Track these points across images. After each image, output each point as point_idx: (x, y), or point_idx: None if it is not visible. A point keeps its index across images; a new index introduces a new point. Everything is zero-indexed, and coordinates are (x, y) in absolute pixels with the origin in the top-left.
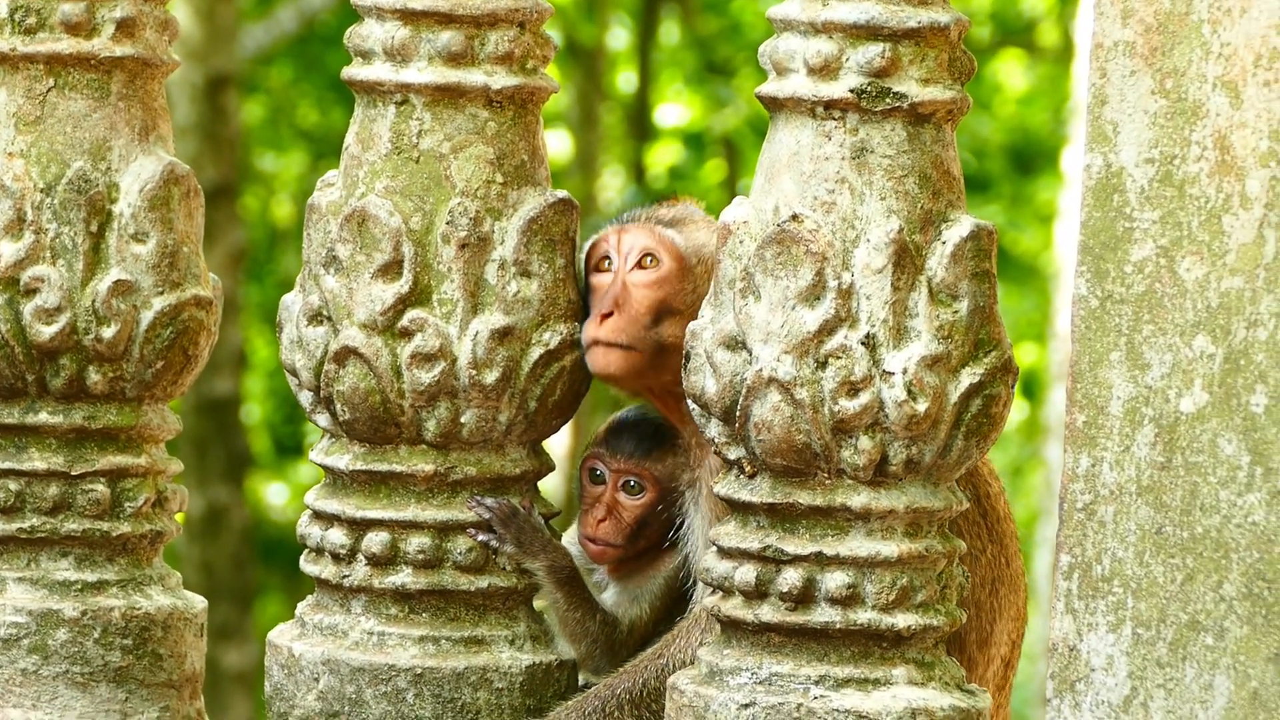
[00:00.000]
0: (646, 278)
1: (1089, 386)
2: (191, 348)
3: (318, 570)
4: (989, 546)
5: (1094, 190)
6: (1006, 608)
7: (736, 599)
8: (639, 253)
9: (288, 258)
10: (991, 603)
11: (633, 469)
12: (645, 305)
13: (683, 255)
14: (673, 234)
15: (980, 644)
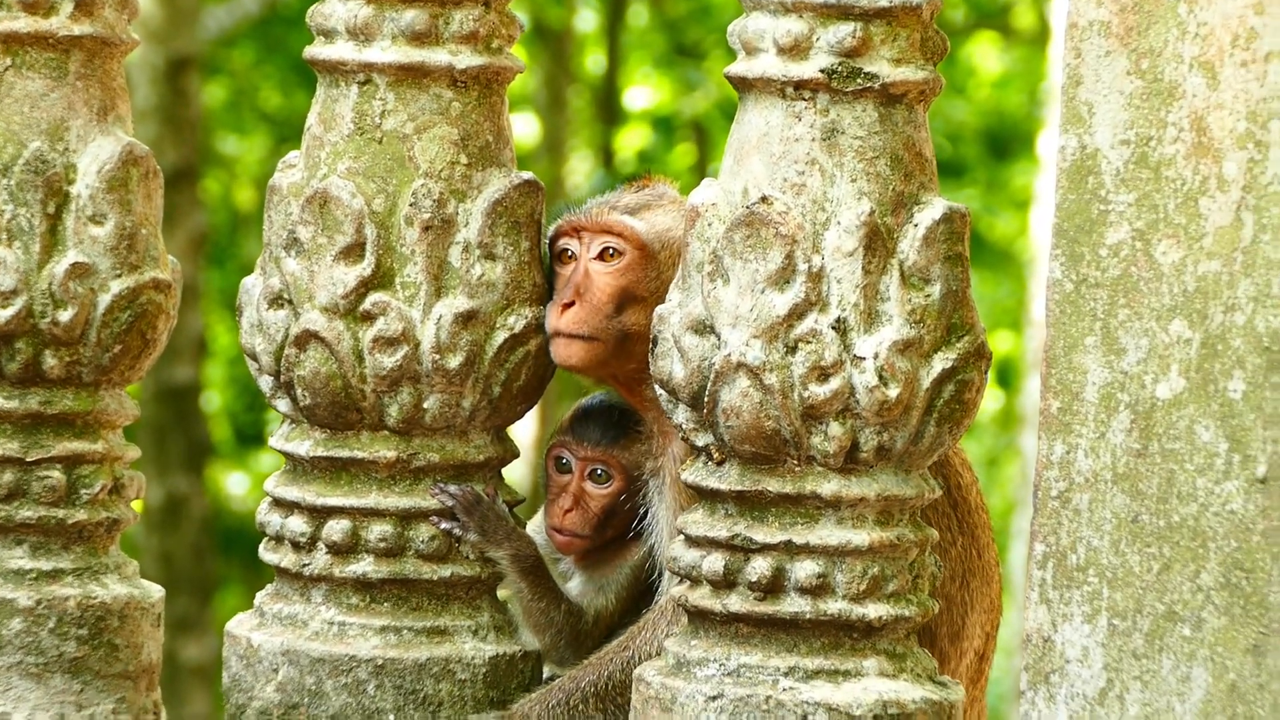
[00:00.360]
0: (608, 269)
1: (1064, 372)
2: (150, 332)
3: (277, 559)
4: (960, 538)
5: (1069, 172)
6: (979, 600)
7: (704, 588)
8: (600, 243)
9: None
10: (963, 595)
11: (599, 457)
12: (607, 294)
13: (645, 243)
14: (634, 222)
15: (952, 637)
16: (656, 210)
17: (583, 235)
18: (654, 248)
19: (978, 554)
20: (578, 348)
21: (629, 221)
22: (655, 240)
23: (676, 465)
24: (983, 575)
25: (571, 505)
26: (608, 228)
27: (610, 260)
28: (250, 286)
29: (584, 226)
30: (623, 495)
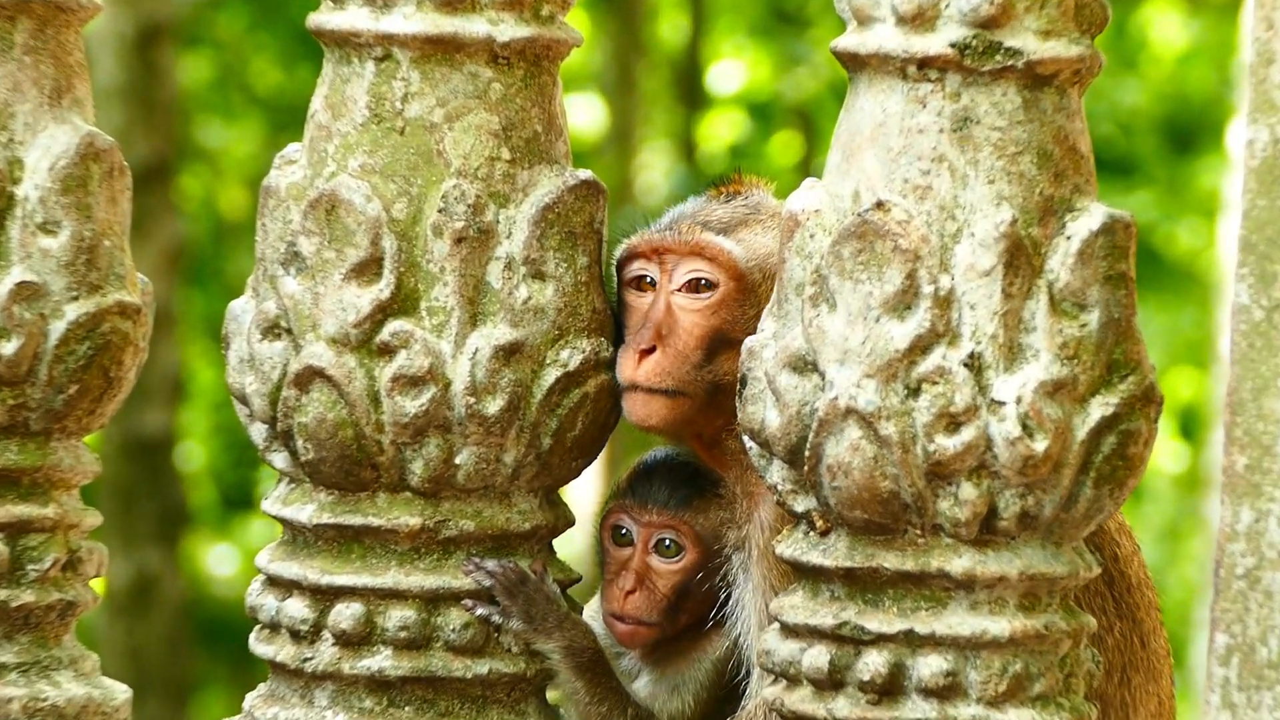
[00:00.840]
0: (698, 304)
1: (1252, 420)
2: (114, 368)
3: (272, 652)
4: (1118, 623)
5: (1258, 172)
6: (1143, 700)
7: (805, 689)
8: (688, 272)
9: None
10: (1122, 695)
11: (668, 523)
12: (696, 338)
13: (743, 272)
14: (730, 245)
15: None
16: (754, 228)
17: (665, 259)
18: (754, 278)
19: (1140, 642)
20: (660, 405)
21: (725, 245)
22: (755, 268)
23: (767, 535)
24: (1147, 669)
25: (634, 585)
26: (699, 250)
27: (701, 293)
28: (240, 312)
29: (668, 248)
30: (698, 572)
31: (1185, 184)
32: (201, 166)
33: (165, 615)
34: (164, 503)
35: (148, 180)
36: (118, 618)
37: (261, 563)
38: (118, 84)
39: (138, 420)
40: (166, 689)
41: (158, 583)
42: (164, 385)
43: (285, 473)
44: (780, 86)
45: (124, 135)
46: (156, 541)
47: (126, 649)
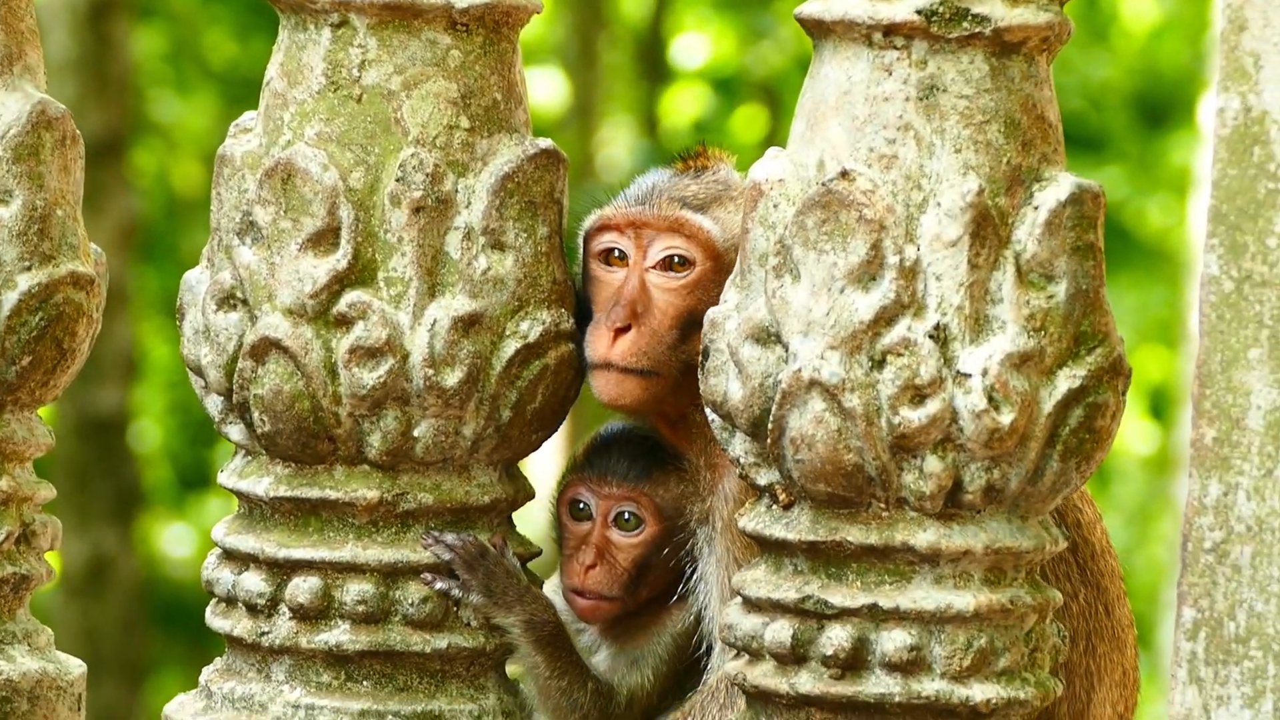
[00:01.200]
0: (674, 282)
1: (1221, 393)
2: (67, 339)
3: (229, 626)
4: (1082, 590)
5: (1229, 141)
6: (1108, 669)
7: (767, 664)
8: (664, 249)
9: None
10: (1087, 663)
11: (627, 496)
12: (671, 318)
13: (720, 252)
14: (708, 223)
15: (1075, 716)
16: (727, 205)
17: (642, 234)
18: (729, 257)
19: (1105, 610)
20: (633, 385)
21: (703, 222)
22: (731, 247)
23: (731, 507)
24: (1112, 638)
25: (594, 560)
26: (678, 227)
27: (677, 271)
28: (194, 283)
29: (645, 223)
30: (659, 545)
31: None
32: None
33: (120, 596)
34: (119, 482)
35: (101, 155)
36: (73, 598)
37: (218, 536)
38: (70, 57)
39: (91, 399)
40: (122, 669)
41: (113, 563)
42: (118, 363)
43: (241, 445)
44: (745, 60)
45: (77, 109)
46: (111, 521)
47: (82, 629)
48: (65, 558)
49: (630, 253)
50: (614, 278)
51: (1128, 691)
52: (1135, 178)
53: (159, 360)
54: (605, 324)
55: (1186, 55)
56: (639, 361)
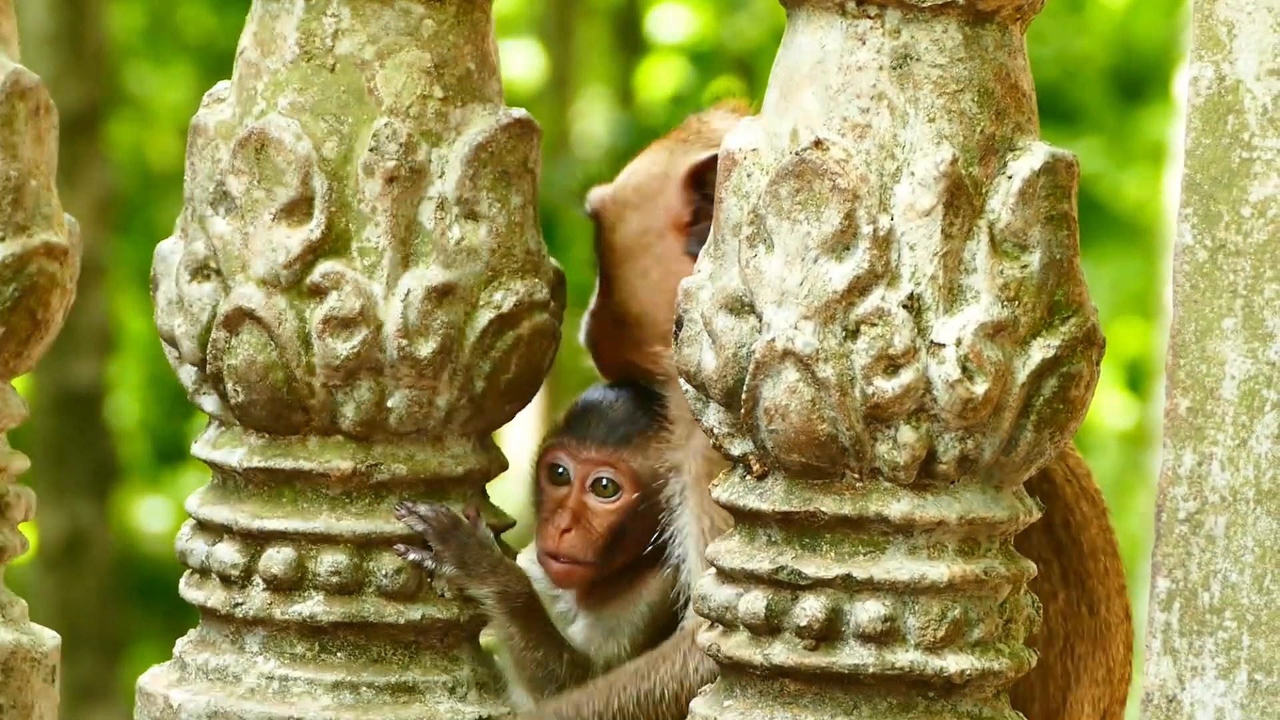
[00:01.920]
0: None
1: (1195, 363)
2: (41, 310)
3: (202, 597)
4: (1062, 591)
5: (1203, 110)
6: (1088, 670)
7: (740, 635)
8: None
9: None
10: (1064, 664)
11: (605, 461)
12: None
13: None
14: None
15: (1047, 717)
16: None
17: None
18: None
19: (1089, 610)
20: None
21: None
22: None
23: (704, 460)
24: (1095, 639)
25: (570, 524)
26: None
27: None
28: (168, 253)
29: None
30: (636, 512)
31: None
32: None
33: (97, 570)
34: (95, 456)
35: (77, 128)
36: (50, 572)
37: (191, 507)
38: (47, 31)
39: (68, 372)
40: (99, 643)
41: (89, 537)
42: (94, 336)
43: (215, 416)
44: (721, 34)
45: (53, 82)
46: (88, 495)
47: (58, 603)
48: (42, 531)
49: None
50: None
51: (1115, 688)
52: (1111, 150)
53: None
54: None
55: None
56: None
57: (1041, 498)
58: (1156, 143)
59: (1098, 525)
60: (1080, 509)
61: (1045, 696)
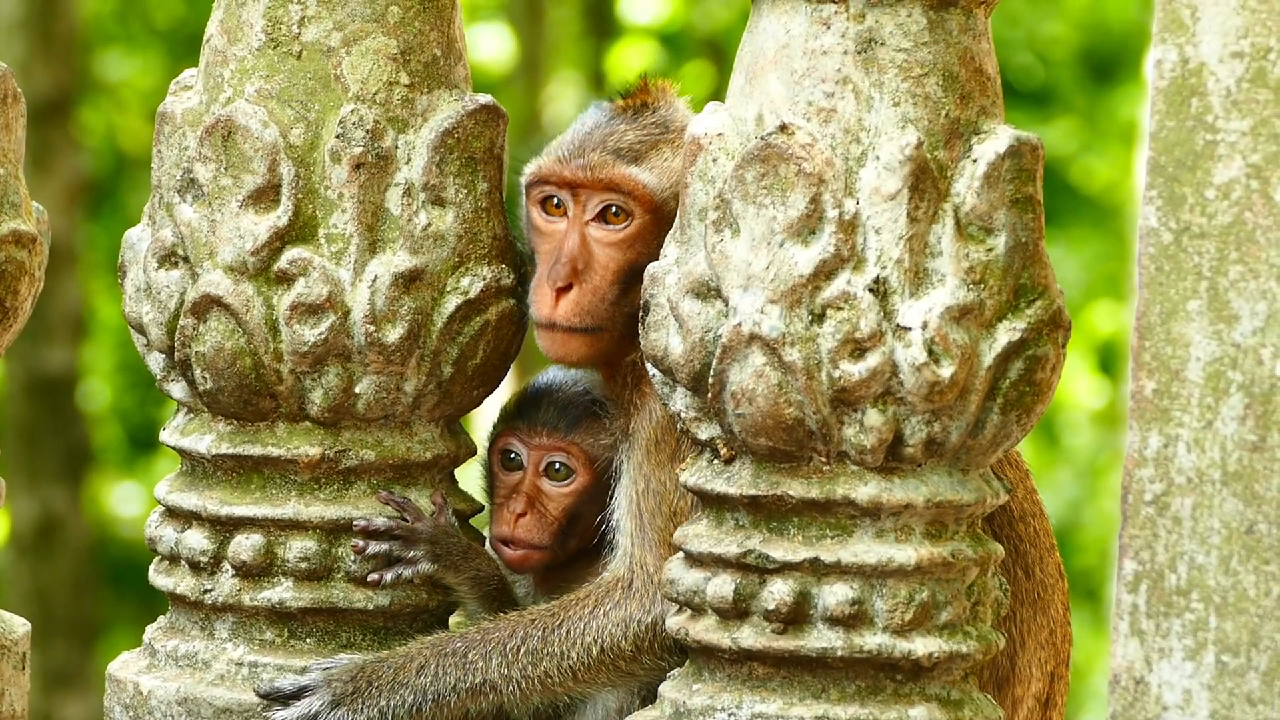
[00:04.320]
0: (613, 236)
1: (1160, 344)
2: (9, 298)
3: (172, 584)
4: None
5: (1166, 93)
6: (1032, 633)
7: (709, 619)
8: (600, 203)
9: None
10: (1009, 630)
11: (558, 445)
12: (613, 273)
13: (657, 202)
14: (644, 176)
15: (998, 684)
16: (664, 150)
17: (578, 191)
18: (669, 207)
19: (1024, 573)
20: (579, 344)
21: (639, 177)
22: (670, 194)
23: (652, 426)
24: (1034, 602)
25: (525, 509)
26: (613, 185)
27: (616, 223)
28: (136, 240)
29: (580, 183)
30: (589, 495)
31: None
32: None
33: (70, 555)
34: (68, 442)
35: (48, 114)
36: (22, 558)
37: (160, 494)
38: (17, 17)
39: (40, 358)
40: (73, 629)
41: (62, 523)
42: (66, 322)
43: (183, 403)
44: (692, 16)
45: (24, 69)
46: (61, 481)
47: (32, 589)
48: (15, 517)
49: (568, 205)
50: (555, 227)
51: (1060, 649)
52: (1082, 133)
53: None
54: (548, 283)
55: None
56: (582, 320)
57: None
58: (1127, 124)
59: (1023, 489)
60: (1005, 475)
61: (993, 665)
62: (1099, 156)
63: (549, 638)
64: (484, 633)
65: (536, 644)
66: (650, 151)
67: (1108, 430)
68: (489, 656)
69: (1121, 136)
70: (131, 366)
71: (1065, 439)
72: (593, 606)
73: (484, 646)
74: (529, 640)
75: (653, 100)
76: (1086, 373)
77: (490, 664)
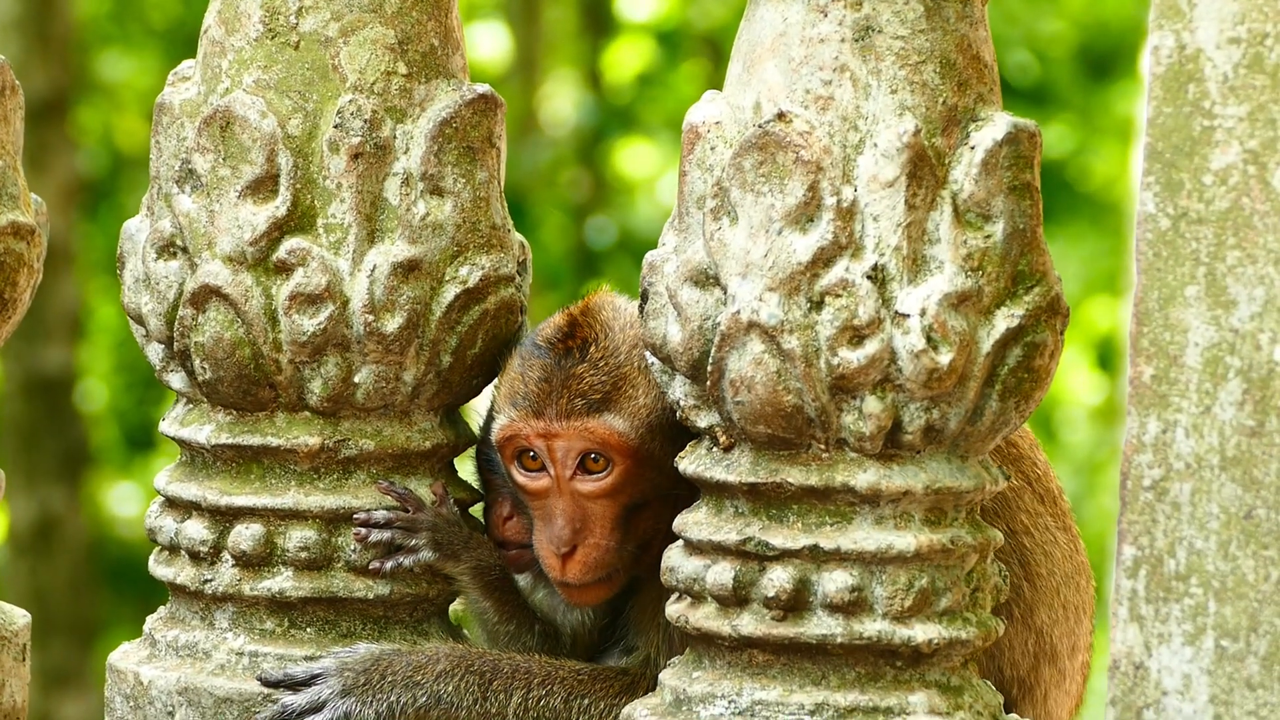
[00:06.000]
0: (598, 486)
1: (1158, 330)
2: (8, 289)
3: (172, 574)
4: (1060, 535)
5: (1164, 79)
6: (1088, 604)
7: (709, 606)
8: (577, 454)
9: (137, 191)
10: (1077, 600)
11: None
12: (610, 521)
13: (633, 447)
14: (615, 420)
15: (1070, 652)
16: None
17: (552, 445)
18: (646, 447)
19: (1075, 549)
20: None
21: (612, 424)
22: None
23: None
24: (1085, 573)
25: (512, 512)
26: (586, 433)
27: (597, 469)
28: (134, 231)
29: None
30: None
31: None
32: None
33: (69, 555)
34: (66, 441)
35: (45, 114)
36: (21, 558)
37: (160, 484)
38: (14, 16)
39: (38, 358)
40: (72, 628)
41: (61, 523)
42: (63, 322)
43: (183, 393)
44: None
45: (21, 68)
46: (59, 480)
47: (30, 589)
48: (13, 517)
49: (545, 458)
50: (539, 484)
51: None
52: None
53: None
54: (550, 547)
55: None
56: (594, 574)
57: (1013, 457)
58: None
59: (1051, 471)
60: (1037, 457)
61: (1069, 631)
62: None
63: (571, 703)
64: (514, 667)
65: (558, 704)
66: (614, 393)
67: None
68: (510, 693)
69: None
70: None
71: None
72: (618, 691)
73: (509, 681)
74: (552, 698)
75: (591, 333)
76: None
77: (510, 700)
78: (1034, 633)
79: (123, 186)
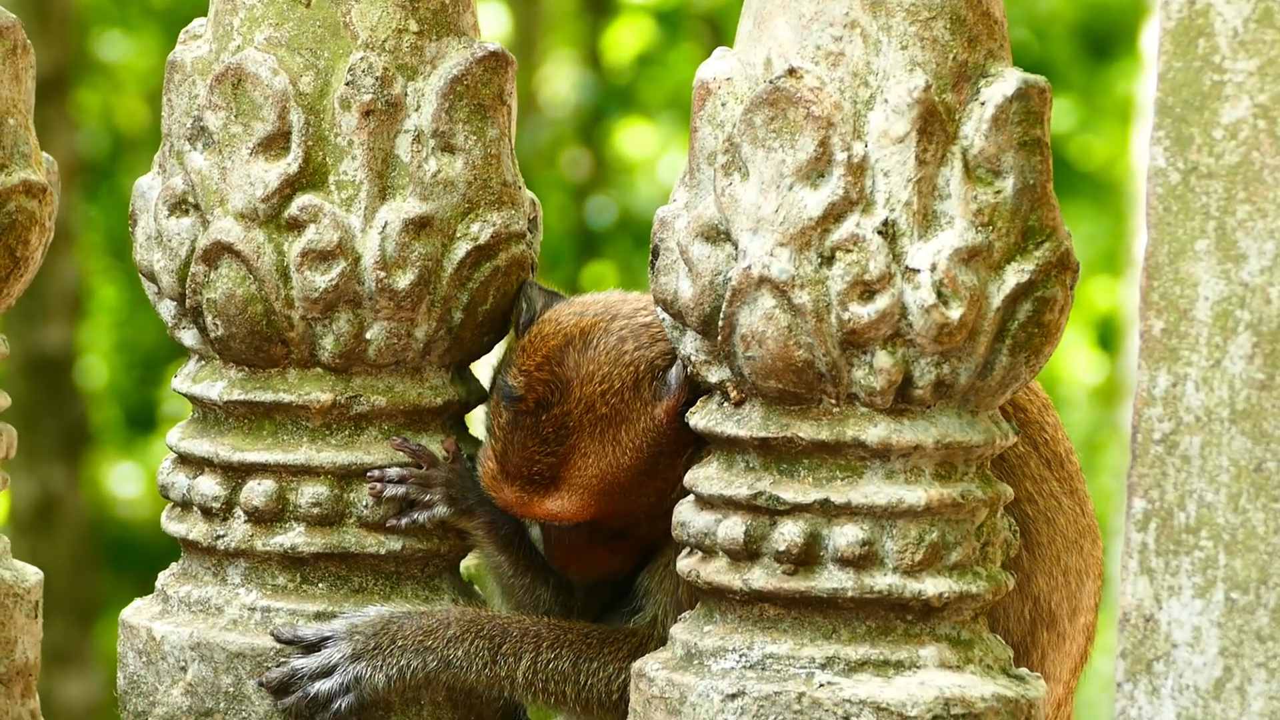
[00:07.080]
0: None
1: (1168, 284)
2: (20, 247)
3: (184, 530)
4: (1065, 499)
5: (1174, 33)
6: (1092, 566)
7: (720, 561)
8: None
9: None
10: (1079, 563)
11: None
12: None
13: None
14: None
15: (1072, 614)
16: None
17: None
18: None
19: (1081, 511)
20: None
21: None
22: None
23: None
24: (1091, 535)
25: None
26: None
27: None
28: (146, 189)
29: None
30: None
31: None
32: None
33: (69, 535)
34: (66, 421)
35: (45, 94)
36: (21, 537)
37: (172, 441)
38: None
39: (38, 337)
40: (72, 609)
41: (61, 502)
42: (64, 301)
43: (195, 350)
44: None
45: None
46: (59, 460)
47: None
48: (14, 496)
49: None
50: None
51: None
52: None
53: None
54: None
55: None
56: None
57: (1021, 421)
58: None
59: (1062, 433)
60: (1046, 420)
61: (1070, 595)
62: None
63: (579, 666)
64: (523, 630)
65: (567, 667)
66: (563, 469)
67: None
68: (519, 656)
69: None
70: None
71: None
72: (627, 654)
73: (518, 644)
74: (561, 661)
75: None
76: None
77: (519, 664)
78: (1030, 600)
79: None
